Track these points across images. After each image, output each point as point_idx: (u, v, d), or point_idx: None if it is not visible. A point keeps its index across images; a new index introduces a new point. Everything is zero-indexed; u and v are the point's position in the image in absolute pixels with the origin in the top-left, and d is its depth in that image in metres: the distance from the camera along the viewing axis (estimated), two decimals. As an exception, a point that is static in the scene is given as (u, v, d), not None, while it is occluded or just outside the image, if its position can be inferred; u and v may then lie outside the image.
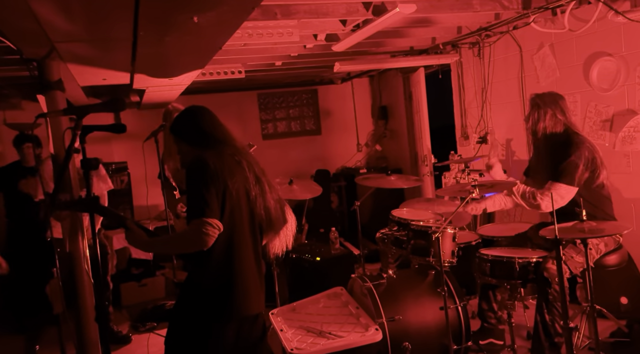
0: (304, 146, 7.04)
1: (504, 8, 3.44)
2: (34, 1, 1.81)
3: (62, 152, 2.44)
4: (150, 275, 5.03)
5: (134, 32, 2.28)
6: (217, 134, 1.97)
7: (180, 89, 4.44)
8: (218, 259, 1.82)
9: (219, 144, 1.94)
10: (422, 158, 6.03)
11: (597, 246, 2.84)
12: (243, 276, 1.86)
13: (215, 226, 1.74)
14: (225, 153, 1.91)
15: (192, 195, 1.80)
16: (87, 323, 2.51)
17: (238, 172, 1.88)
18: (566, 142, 2.88)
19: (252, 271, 1.90)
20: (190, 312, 1.86)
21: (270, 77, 6.03)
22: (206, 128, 1.97)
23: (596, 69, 3.68)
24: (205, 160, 1.83)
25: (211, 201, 1.76)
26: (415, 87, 6.05)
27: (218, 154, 1.89)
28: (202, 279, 1.85)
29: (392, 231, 3.47)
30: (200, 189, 1.77)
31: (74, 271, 2.50)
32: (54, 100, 2.60)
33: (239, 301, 1.84)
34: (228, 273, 1.83)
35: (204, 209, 1.74)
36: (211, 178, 1.79)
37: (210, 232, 1.73)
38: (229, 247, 1.83)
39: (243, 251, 1.87)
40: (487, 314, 3.23)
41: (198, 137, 1.97)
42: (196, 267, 1.87)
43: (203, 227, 1.72)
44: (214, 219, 1.75)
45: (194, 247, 1.76)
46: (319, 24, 3.47)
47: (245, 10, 2.15)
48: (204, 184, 1.78)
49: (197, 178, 1.80)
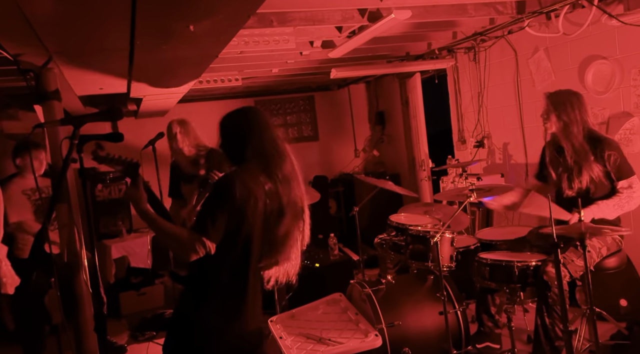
0: (302, 152, 6.96)
1: (499, 13, 3.46)
2: (31, 12, 1.82)
3: (59, 162, 2.44)
4: (149, 284, 5.01)
5: (131, 41, 2.30)
6: (261, 143, 1.88)
7: (177, 97, 4.46)
8: (224, 278, 1.82)
9: (259, 158, 1.86)
10: (420, 163, 6.04)
11: (600, 250, 2.84)
12: (247, 296, 1.86)
13: (208, 248, 1.75)
14: (261, 174, 1.84)
15: (206, 210, 1.80)
16: (86, 333, 2.51)
17: (262, 197, 1.82)
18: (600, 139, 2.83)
19: (255, 292, 1.90)
20: (188, 323, 1.86)
21: (267, 84, 6.04)
22: (254, 142, 1.87)
23: (591, 72, 3.70)
24: (234, 184, 1.77)
25: (220, 225, 1.75)
26: (411, 92, 6.07)
27: (253, 175, 1.82)
28: (204, 295, 1.85)
29: (390, 236, 3.47)
30: (215, 209, 1.77)
31: (72, 281, 2.49)
32: (51, 110, 2.60)
33: (239, 320, 1.85)
34: (232, 293, 1.84)
35: (209, 229, 1.75)
36: (232, 204, 1.76)
37: (199, 251, 1.74)
38: (237, 269, 1.84)
39: (249, 272, 1.87)
40: (482, 317, 3.23)
41: (239, 154, 1.88)
42: (200, 283, 1.87)
43: (197, 243, 1.73)
44: (212, 242, 1.75)
45: (178, 252, 1.80)
46: (315, 30, 3.49)
47: (240, 18, 2.16)
48: (221, 206, 1.77)
49: (218, 197, 1.79)
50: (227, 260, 1.82)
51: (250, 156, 1.88)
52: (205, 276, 1.86)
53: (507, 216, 4.60)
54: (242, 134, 1.90)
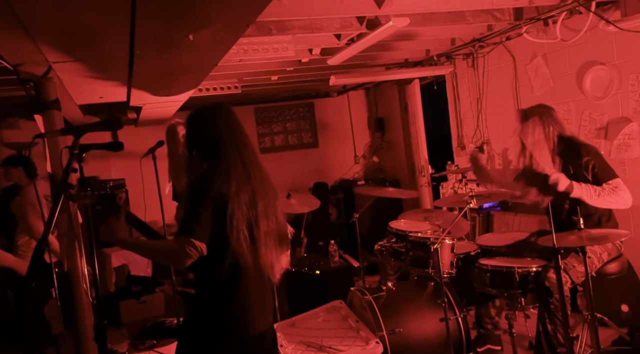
0: (302, 159, 7.06)
1: (496, 19, 3.48)
2: (31, 23, 1.83)
3: (59, 171, 2.44)
4: (149, 292, 4.99)
5: (130, 50, 2.31)
6: (233, 141, 1.86)
7: (177, 106, 4.47)
8: (224, 279, 1.81)
9: (233, 154, 1.84)
10: (420, 169, 6.05)
11: (600, 255, 2.84)
12: (248, 295, 1.84)
13: (199, 249, 1.72)
14: (238, 167, 1.83)
15: (189, 212, 1.77)
16: (86, 343, 2.50)
17: (246, 190, 1.82)
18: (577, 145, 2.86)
19: (257, 290, 1.88)
20: (198, 329, 1.85)
21: (266, 92, 6.06)
22: (223, 133, 1.85)
23: (589, 77, 3.71)
24: (211, 181, 1.77)
25: (205, 222, 1.73)
26: (410, 99, 6.09)
27: (227, 170, 1.81)
28: (209, 298, 1.84)
29: (390, 243, 3.47)
30: (197, 208, 1.74)
31: (72, 290, 2.49)
32: (51, 119, 2.61)
33: (244, 320, 1.83)
34: (233, 293, 1.83)
35: (194, 229, 1.72)
36: (214, 200, 1.75)
37: (192, 254, 1.71)
38: (233, 267, 1.82)
39: (247, 270, 1.85)
40: (483, 320, 3.22)
41: (211, 146, 1.85)
42: (203, 286, 1.86)
43: (187, 247, 1.70)
44: (200, 242, 1.72)
45: (172, 264, 1.77)
46: (313, 38, 3.51)
47: (239, 27, 2.17)
48: (203, 204, 1.75)
49: (198, 197, 1.77)
50: (220, 262, 1.79)
51: (223, 152, 1.85)
52: (205, 282, 1.85)
53: (507, 222, 4.59)
54: (216, 131, 1.88)
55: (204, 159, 1.87)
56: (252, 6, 1.90)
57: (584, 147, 2.83)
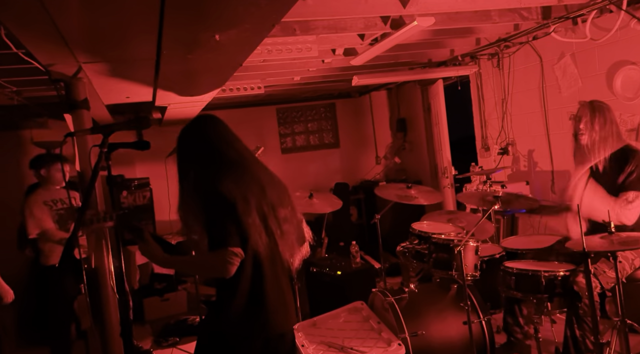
0: (323, 160, 7.06)
1: (523, 19, 3.41)
2: (63, 24, 1.87)
3: (88, 170, 2.49)
4: (172, 290, 5.07)
5: (158, 51, 2.34)
6: (233, 152, 1.89)
7: (202, 106, 4.52)
8: (244, 281, 1.83)
9: (233, 163, 1.87)
10: (442, 170, 5.98)
11: (632, 261, 2.76)
12: (268, 295, 1.85)
13: (239, 254, 1.75)
14: (242, 174, 1.85)
15: (213, 224, 1.79)
16: (112, 338, 2.54)
17: (255, 194, 1.83)
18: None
19: (278, 290, 1.89)
20: (218, 329, 1.87)
21: (288, 92, 6.08)
22: (214, 140, 1.89)
23: (620, 77, 3.62)
24: (220, 189, 1.78)
25: (231, 229, 1.76)
26: (434, 99, 6.03)
27: (233, 177, 1.83)
28: (229, 299, 1.85)
29: (412, 244, 3.44)
30: (220, 218, 1.77)
31: (99, 286, 2.54)
32: (80, 118, 2.66)
33: (264, 320, 1.84)
34: (253, 293, 1.84)
35: (227, 238, 1.74)
36: (229, 206, 1.76)
37: (234, 262, 1.74)
38: (253, 269, 1.84)
39: (266, 271, 1.86)
40: (512, 329, 3.16)
41: (208, 157, 1.88)
42: (223, 288, 1.88)
43: (228, 256, 1.72)
44: (237, 247, 1.75)
45: (216, 275, 1.78)
46: (337, 38, 3.50)
47: (265, 27, 2.18)
48: (222, 213, 1.77)
49: (215, 208, 1.78)
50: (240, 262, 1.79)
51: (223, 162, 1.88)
52: (226, 281, 1.86)
53: (532, 224, 4.51)
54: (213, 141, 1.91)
55: (204, 171, 1.88)
56: (279, 6, 1.91)
57: (636, 153, 2.73)
